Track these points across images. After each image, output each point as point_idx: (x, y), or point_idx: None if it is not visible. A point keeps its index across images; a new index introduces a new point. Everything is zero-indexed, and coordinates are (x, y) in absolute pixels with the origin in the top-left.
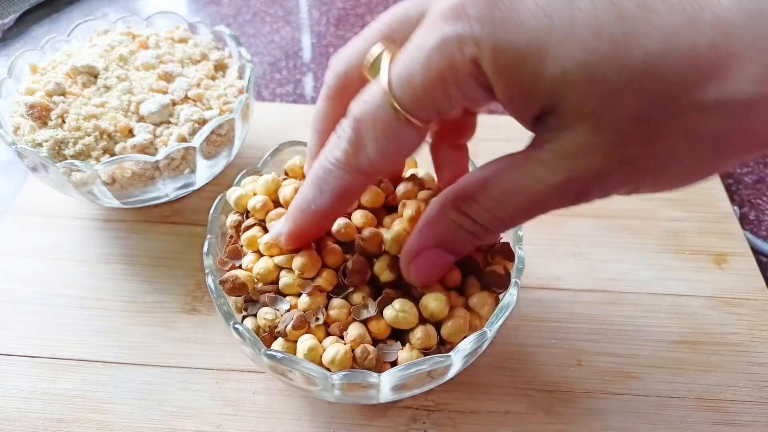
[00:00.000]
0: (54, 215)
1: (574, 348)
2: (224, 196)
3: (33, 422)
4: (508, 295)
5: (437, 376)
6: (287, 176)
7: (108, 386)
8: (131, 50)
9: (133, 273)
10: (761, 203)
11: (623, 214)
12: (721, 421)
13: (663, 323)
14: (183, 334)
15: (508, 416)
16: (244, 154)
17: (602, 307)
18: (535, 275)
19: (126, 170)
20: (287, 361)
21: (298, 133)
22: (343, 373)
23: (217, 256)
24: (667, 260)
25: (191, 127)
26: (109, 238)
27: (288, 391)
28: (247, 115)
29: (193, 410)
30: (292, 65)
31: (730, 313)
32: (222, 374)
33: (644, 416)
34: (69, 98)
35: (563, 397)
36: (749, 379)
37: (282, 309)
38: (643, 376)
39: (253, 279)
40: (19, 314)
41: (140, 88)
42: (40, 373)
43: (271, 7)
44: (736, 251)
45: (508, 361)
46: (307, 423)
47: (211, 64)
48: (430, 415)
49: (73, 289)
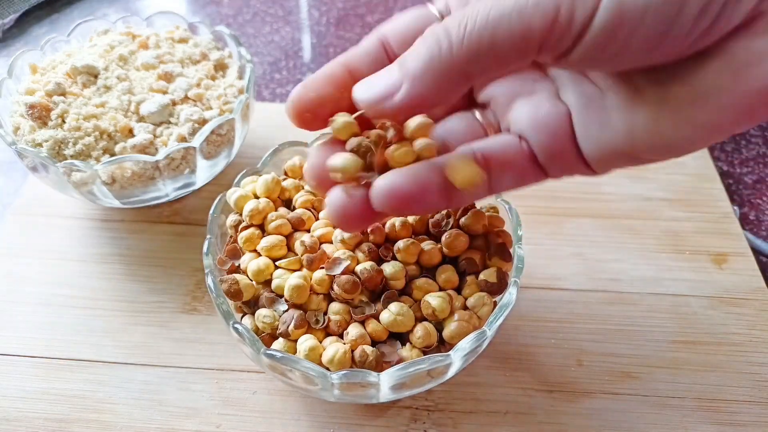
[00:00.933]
0: (54, 215)
1: (574, 348)
2: (224, 196)
3: (33, 422)
4: (507, 295)
5: (437, 376)
6: (287, 176)
7: (108, 386)
8: (131, 50)
9: (133, 273)
10: (761, 203)
11: (623, 214)
12: (721, 421)
13: (663, 323)
14: (183, 334)
15: (508, 416)
16: (244, 154)
17: (602, 307)
18: (535, 275)
19: (126, 170)
20: (287, 361)
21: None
22: (342, 372)
23: (216, 256)
24: (667, 260)
25: (191, 127)
26: (108, 238)
27: (288, 390)
28: (247, 115)
29: (193, 410)
30: (292, 65)
31: (730, 313)
32: (222, 374)
33: (644, 416)
34: (69, 98)
35: (563, 397)
36: (749, 379)
37: (280, 310)
38: (643, 376)
39: (253, 285)
40: (19, 314)
41: (140, 88)
42: (40, 373)
43: (271, 7)
44: (736, 251)
45: (508, 361)
46: (306, 423)
47: (211, 64)
48: (430, 415)
49: (73, 289)
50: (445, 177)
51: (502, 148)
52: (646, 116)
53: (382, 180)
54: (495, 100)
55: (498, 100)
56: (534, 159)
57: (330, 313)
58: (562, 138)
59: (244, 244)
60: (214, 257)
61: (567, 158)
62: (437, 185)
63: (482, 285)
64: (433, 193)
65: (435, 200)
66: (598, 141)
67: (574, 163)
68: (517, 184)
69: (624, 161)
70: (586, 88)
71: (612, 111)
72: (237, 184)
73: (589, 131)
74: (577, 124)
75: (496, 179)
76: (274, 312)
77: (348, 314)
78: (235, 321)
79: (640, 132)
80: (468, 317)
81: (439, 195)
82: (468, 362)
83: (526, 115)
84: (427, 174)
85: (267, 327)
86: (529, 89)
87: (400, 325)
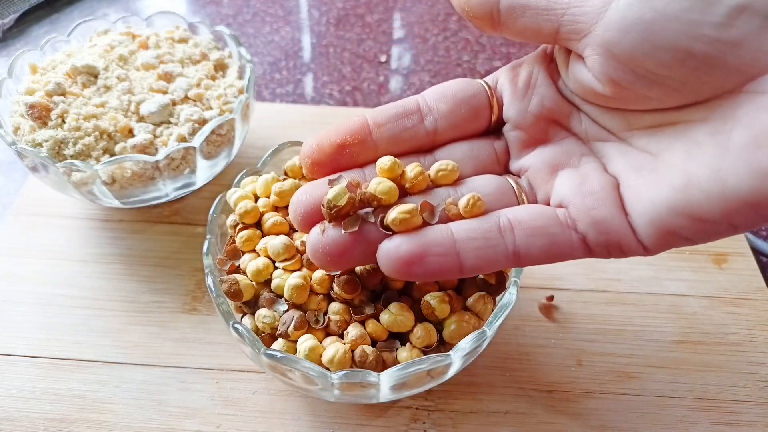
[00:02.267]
0: (54, 215)
1: (574, 348)
2: (224, 196)
3: (33, 422)
4: (507, 295)
5: (437, 376)
6: (287, 176)
7: (108, 386)
8: (131, 50)
9: (133, 273)
10: None
11: None
12: (721, 421)
13: (663, 323)
14: (183, 334)
15: (508, 416)
16: (244, 154)
17: (602, 307)
18: (535, 275)
19: (126, 170)
20: (287, 361)
21: (298, 133)
22: (342, 372)
23: (216, 256)
24: (666, 260)
25: (191, 127)
26: (108, 238)
27: (288, 390)
28: (247, 115)
29: (193, 410)
30: (292, 65)
31: (730, 313)
32: (222, 374)
33: (644, 416)
34: (69, 98)
35: (563, 397)
36: (749, 379)
37: (280, 310)
38: (643, 376)
39: (253, 285)
40: (19, 314)
41: (140, 88)
42: (40, 373)
43: (271, 7)
44: (736, 251)
45: (508, 361)
46: (307, 423)
47: (211, 64)
48: (430, 415)
49: (73, 289)
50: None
51: (536, 216)
52: (707, 165)
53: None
54: (534, 168)
55: (538, 169)
56: (576, 230)
57: (330, 313)
58: (610, 205)
59: (244, 245)
60: (214, 257)
61: (615, 227)
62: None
63: (482, 285)
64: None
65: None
66: (650, 202)
67: (623, 233)
68: (551, 257)
69: (678, 222)
70: (636, 156)
71: (667, 170)
72: (237, 184)
73: (641, 197)
74: (627, 192)
75: (525, 248)
76: (274, 312)
77: (348, 314)
78: (235, 321)
79: (698, 182)
80: (468, 317)
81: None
82: (468, 362)
83: (570, 183)
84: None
85: (267, 327)
86: (575, 162)
87: (400, 325)
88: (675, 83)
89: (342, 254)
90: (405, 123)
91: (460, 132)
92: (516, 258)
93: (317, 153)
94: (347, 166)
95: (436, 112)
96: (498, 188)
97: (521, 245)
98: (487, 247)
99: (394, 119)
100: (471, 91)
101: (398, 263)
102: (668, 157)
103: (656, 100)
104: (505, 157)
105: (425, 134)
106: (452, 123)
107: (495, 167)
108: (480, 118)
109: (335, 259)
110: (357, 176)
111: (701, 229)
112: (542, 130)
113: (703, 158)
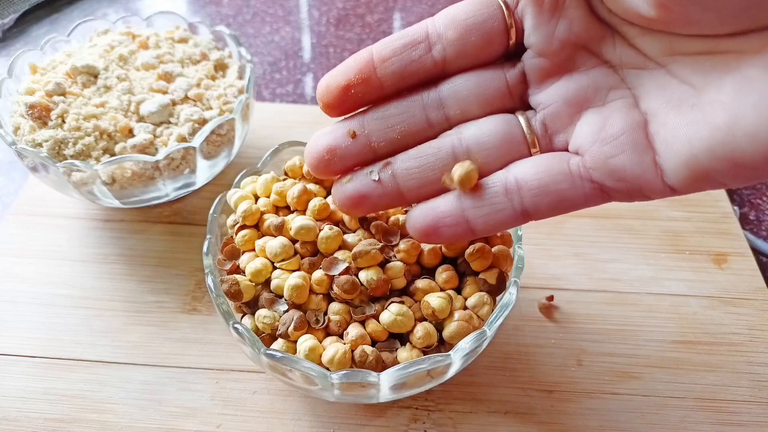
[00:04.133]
0: (54, 215)
1: (574, 348)
2: (224, 196)
3: (33, 422)
4: (507, 295)
5: (437, 376)
6: (287, 176)
7: (108, 386)
8: (131, 50)
9: (133, 273)
10: (761, 203)
11: (623, 214)
12: (721, 421)
13: (663, 323)
14: (183, 334)
15: (508, 416)
16: (244, 154)
17: (602, 307)
18: (535, 275)
19: (126, 170)
20: (287, 361)
21: (298, 133)
22: (342, 372)
23: (216, 256)
24: (666, 260)
25: (191, 127)
26: (108, 238)
27: (288, 390)
28: (247, 115)
29: (193, 410)
30: (292, 65)
31: (730, 313)
32: (222, 374)
33: (644, 416)
34: (69, 98)
35: (563, 397)
36: (749, 379)
37: (280, 310)
38: (643, 376)
39: (254, 286)
40: (19, 314)
41: (140, 88)
42: (40, 373)
43: (271, 7)
44: (736, 251)
45: (508, 361)
46: (307, 423)
47: (211, 64)
48: (430, 415)
49: (73, 289)
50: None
51: (544, 172)
52: (755, 105)
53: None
54: (554, 107)
55: (558, 108)
56: (591, 180)
57: (330, 313)
58: (630, 151)
59: (243, 245)
60: (214, 257)
61: (636, 173)
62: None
63: (482, 285)
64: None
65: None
66: (688, 141)
67: (644, 178)
68: (563, 210)
69: (716, 165)
70: (676, 89)
71: (710, 106)
72: (237, 184)
73: (677, 135)
74: (660, 129)
75: (533, 207)
76: (274, 312)
77: (348, 314)
78: (235, 321)
79: (743, 124)
80: (468, 317)
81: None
82: (468, 362)
83: (589, 128)
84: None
85: (267, 327)
86: (601, 98)
87: (400, 325)
88: (734, 8)
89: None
90: (411, 55)
91: (470, 61)
92: (526, 216)
93: (326, 95)
94: (354, 107)
95: (445, 39)
96: (504, 137)
97: (529, 205)
98: (495, 212)
99: (400, 51)
100: (485, 15)
101: (418, 234)
102: (714, 93)
103: (709, 26)
104: (519, 88)
105: (433, 65)
106: (461, 51)
107: (506, 102)
108: (493, 45)
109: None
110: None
111: (739, 174)
112: (569, 57)
113: (751, 97)
